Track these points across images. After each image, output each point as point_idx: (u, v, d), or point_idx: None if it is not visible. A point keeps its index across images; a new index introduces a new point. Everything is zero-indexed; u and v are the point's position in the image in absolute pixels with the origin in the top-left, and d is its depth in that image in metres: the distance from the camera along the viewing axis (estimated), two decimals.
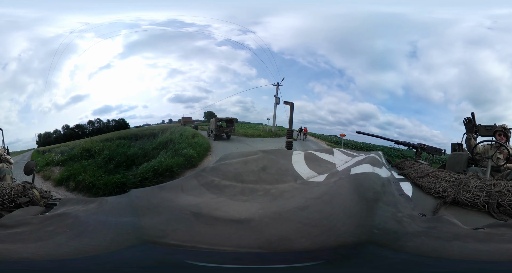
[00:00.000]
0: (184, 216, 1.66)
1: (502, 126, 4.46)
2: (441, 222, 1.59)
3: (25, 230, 1.63)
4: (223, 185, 2.05)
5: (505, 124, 4.52)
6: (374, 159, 2.48)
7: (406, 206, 1.80)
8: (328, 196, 1.83)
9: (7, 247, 1.44)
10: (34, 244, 1.50)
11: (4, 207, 2.07)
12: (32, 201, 2.18)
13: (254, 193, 1.98)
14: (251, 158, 2.39)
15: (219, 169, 2.24)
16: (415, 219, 1.62)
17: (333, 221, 1.54)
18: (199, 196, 1.92)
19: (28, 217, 1.82)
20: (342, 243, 1.41)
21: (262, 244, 1.44)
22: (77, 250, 1.45)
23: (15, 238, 1.54)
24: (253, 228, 1.56)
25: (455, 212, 1.88)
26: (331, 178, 2.18)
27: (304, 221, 1.58)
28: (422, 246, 1.41)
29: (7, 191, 2.14)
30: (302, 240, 1.45)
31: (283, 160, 2.46)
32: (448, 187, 2.11)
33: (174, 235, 1.51)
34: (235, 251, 1.44)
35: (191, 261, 1.40)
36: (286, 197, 1.93)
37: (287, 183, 2.14)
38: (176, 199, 1.86)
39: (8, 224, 1.70)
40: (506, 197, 1.87)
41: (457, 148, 5.12)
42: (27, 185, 2.29)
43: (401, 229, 1.51)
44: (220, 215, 1.67)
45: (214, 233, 1.53)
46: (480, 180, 2.10)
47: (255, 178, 2.16)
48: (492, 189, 1.94)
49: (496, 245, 1.40)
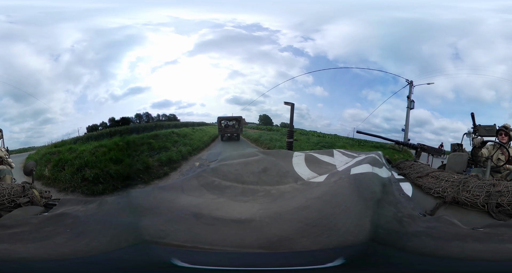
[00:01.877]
0: (184, 217, 1.66)
1: (504, 125, 4.43)
2: (441, 222, 1.59)
3: (24, 230, 1.63)
4: (224, 186, 2.05)
5: (507, 123, 4.48)
6: (374, 159, 2.48)
7: (406, 206, 1.81)
8: (328, 196, 1.83)
9: (7, 247, 1.44)
10: (33, 244, 1.49)
11: (4, 207, 2.07)
12: (32, 201, 2.17)
13: (254, 194, 1.98)
14: (252, 159, 2.39)
15: (220, 169, 2.24)
16: (415, 219, 1.62)
17: (333, 221, 1.54)
18: (200, 197, 1.92)
19: (28, 217, 1.81)
20: (343, 243, 1.42)
21: (263, 244, 1.44)
22: (76, 250, 1.45)
23: (14, 238, 1.54)
24: (254, 228, 1.56)
25: (455, 212, 1.89)
26: (332, 178, 2.18)
27: (305, 221, 1.58)
28: (422, 246, 1.41)
29: (6, 191, 2.14)
30: (303, 240, 1.45)
31: (283, 161, 2.47)
32: (448, 187, 2.11)
33: (174, 236, 1.51)
34: (236, 251, 1.44)
35: (191, 261, 1.40)
36: (286, 197, 1.93)
37: (287, 184, 2.14)
38: (177, 199, 1.86)
39: (8, 224, 1.70)
40: (505, 197, 1.88)
41: (457, 148, 5.12)
42: (27, 185, 2.28)
43: (401, 229, 1.52)
44: (220, 216, 1.67)
45: (214, 234, 1.53)
46: (479, 180, 2.10)
47: (256, 179, 2.16)
48: (492, 189, 1.94)
49: (496, 245, 1.41)
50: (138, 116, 14.41)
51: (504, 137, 4.26)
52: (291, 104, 6.54)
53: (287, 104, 6.77)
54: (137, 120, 14.29)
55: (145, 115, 14.76)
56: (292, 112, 6.54)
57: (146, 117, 14.80)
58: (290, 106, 6.54)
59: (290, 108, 6.49)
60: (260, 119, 18.02)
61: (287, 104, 6.83)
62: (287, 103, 6.81)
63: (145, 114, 14.73)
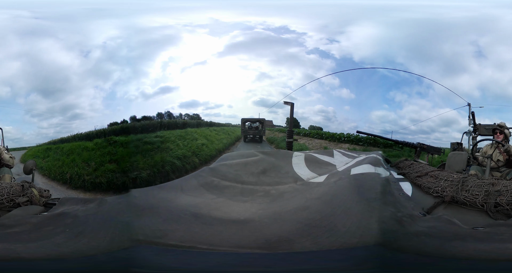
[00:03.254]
0: (183, 216, 1.65)
1: (499, 124, 4.43)
2: (441, 222, 1.59)
3: (24, 229, 1.63)
4: (223, 186, 2.05)
5: (503, 122, 4.48)
6: (374, 159, 2.48)
7: (406, 206, 1.81)
8: (328, 196, 1.83)
9: (6, 247, 1.44)
10: (33, 243, 1.49)
11: (3, 207, 2.06)
12: (31, 201, 2.17)
13: (254, 194, 1.98)
14: (251, 160, 2.39)
15: (219, 169, 2.23)
16: (415, 219, 1.62)
17: (333, 221, 1.54)
18: (199, 197, 1.92)
19: (27, 217, 1.81)
20: (343, 243, 1.41)
21: (262, 245, 1.44)
22: (76, 250, 1.45)
23: (14, 238, 1.54)
24: (253, 228, 1.56)
25: (455, 211, 1.88)
26: (332, 178, 2.18)
27: (304, 221, 1.57)
28: (422, 246, 1.41)
29: (6, 191, 2.13)
30: (303, 240, 1.44)
31: (283, 162, 2.47)
32: (447, 187, 2.11)
33: (173, 236, 1.51)
34: (235, 252, 1.44)
35: (190, 261, 1.40)
36: (286, 197, 1.93)
37: (287, 184, 2.14)
38: (176, 199, 1.86)
39: (7, 223, 1.70)
40: (504, 197, 1.87)
41: (457, 147, 5.13)
42: (26, 185, 2.28)
43: (401, 229, 1.51)
44: (219, 216, 1.67)
45: (213, 234, 1.53)
46: (479, 179, 2.10)
47: (255, 179, 2.16)
48: (491, 189, 1.94)
49: (496, 245, 1.40)
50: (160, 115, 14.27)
51: (499, 135, 4.24)
52: (291, 103, 6.53)
53: (287, 104, 6.76)
54: (158, 118, 14.08)
55: (166, 114, 14.65)
56: (292, 112, 6.54)
57: (168, 116, 14.66)
58: (290, 106, 6.53)
59: (290, 108, 6.48)
60: (287, 122, 18.06)
61: (287, 104, 6.82)
62: (287, 103, 6.80)
63: (166, 113, 14.66)
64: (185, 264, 1.40)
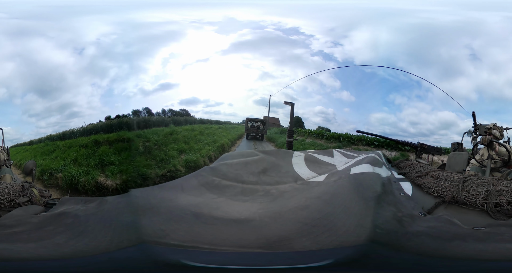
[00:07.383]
0: (184, 216, 1.65)
1: (486, 126, 4.46)
2: (441, 222, 1.59)
3: (24, 229, 1.63)
4: (224, 185, 2.05)
5: (492, 123, 4.49)
6: (374, 159, 2.48)
7: (406, 206, 1.81)
8: (328, 195, 1.83)
9: (6, 247, 1.44)
10: (33, 244, 1.49)
11: (3, 207, 2.07)
12: (32, 201, 2.17)
13: (254, 193, 1.98)
14: (252, 159, 2.40)
15: (220, 169, 2.24)
16: (415, 219, 1.62)
17: (333, 220, 1.54)
18: (199, 196, 1.92)
19: (28, 217, 1.81)
20: (343, 242, 1.41)
21: (263, 244, 1.44)
22: (76, 250, 1.44)
23: (14, 238, 1.54)
24: (253, 228, 1.56)
25: (455, 211, 1.88)
26: (331, 177, 2.18)
27: (305, 220, 1.57)
28: (423, 246, 1.41)
29: (6, 191, 2.13)
30: (303, 239, 1.45)
31: (283, 162, 2.47)
32: (447, 187, 2.11)
33: (174, 235, 1.51)
34: (236, 251, 1.44)
35: (191, 262, 1.40)
36: (286, 197, 1.93)
37: (287, 183, 2.14)
38: (176, 199, 1.86)
39: (8, 223, 1.70)
40: (505, 197, 1.87)
41: (457, 147, 5.13)
42: (26, 185, 2.28)
43: (401, 229, 1.51)
44: (220, 215, 1.67)
45: (214, 233, 1.53)
46: (479, 179, 2.10)
47: (256, 179, 2.16)
48: (491, 189, 1.94)
49: (496, 245, 1.40)
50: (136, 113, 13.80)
51: (488, 136, 4.24)
52: (291, 103, 6.54)
53: (287, 104, 6.77)
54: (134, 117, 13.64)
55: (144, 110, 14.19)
56: (292, 111, 6.54)
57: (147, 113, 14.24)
58: (290, 106, 6.53)
59: (290, 108, 6.49)
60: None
61: (287, 104, 6.83)
62: (287, 103, 6.81)
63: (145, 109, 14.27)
64: (186, 263, 1.40)
